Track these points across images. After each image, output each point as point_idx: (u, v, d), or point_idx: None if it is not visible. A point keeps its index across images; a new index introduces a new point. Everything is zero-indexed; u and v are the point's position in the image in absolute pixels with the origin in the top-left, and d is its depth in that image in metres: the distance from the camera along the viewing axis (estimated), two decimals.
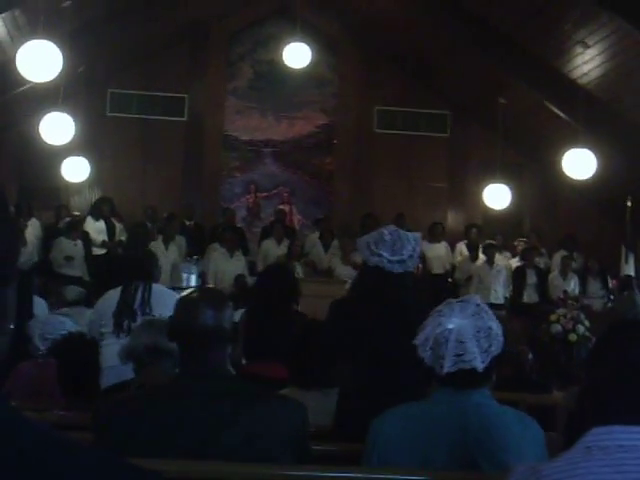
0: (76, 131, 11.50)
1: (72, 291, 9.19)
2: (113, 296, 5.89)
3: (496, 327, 2.71)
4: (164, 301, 5.52)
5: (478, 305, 2.73)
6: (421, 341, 2.70)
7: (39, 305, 7.09)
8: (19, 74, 9.76)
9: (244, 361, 5.45)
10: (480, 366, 2.64)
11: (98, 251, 13.34)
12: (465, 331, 2.65)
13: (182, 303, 2.87)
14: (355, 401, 3.74)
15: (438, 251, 13.97)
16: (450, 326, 2.65)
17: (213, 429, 2.61)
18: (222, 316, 2.76)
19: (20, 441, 1.08)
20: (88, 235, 13.32)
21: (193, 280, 12.24)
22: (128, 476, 1.13)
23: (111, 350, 5.68)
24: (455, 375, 2.64)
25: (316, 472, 2.63)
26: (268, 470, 2.59)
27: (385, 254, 3.85)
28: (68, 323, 5.50)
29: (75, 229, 12.94)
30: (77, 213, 14.25)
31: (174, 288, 8.31)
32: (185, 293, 3.00)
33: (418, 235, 4.02)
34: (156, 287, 5.87)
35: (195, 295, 2.88)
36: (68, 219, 13.64)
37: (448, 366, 2.63)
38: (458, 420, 2.63)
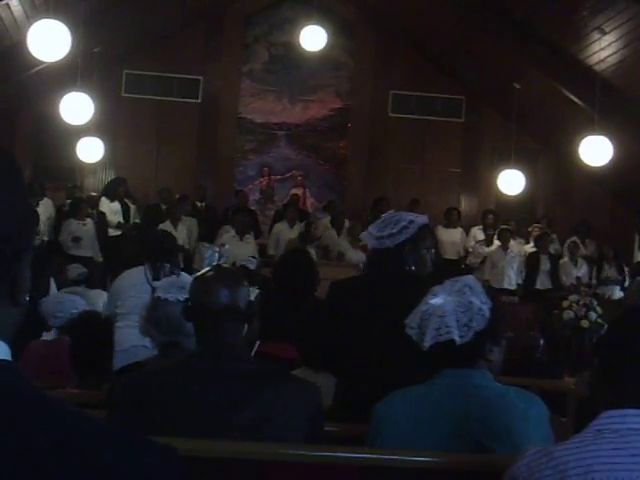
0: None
1: (75, 269, 9.20)
2: (131, 276, 5.93)
3: (479, 303, 2.67)
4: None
5: (466, 283, 2.72)
6: (410, 319, 2.72)
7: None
8: None
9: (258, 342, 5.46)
10: (458, 339, 2.62)
11: (114, 232, 13.36)
12: (446, 307, 2.65)
13: (197, 282, 2.86)
14: (350, 382, 3.73)
15: (454, 236, 13.94)
16: (433, 303, 2.67)
17: (226, 409, 2.60)
18: (237, 295, 2.74)
19: (40, 415, 1.09)
20: (104, 216, 13.32)
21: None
22: (144, 450, 1.15)
23: (125, 332, 5.70)
24: (444, 353, 2.64)
25: (329, 452, 2.61)
26: (281, 450, 2.58)
27: (373, 231, 3.85)
28: (79, 302, 5.50)
29: (80, 209, 12.77)
30: (94, 194, 14.21)
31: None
32: (200, 273, 2.99)
33: (416, 216, 3.96)
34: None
35: (210, 274, 2.86)
36: (69, 200, 13.57)
37: (427, 340, 2.64)
38: (460, 403, 2.61)
